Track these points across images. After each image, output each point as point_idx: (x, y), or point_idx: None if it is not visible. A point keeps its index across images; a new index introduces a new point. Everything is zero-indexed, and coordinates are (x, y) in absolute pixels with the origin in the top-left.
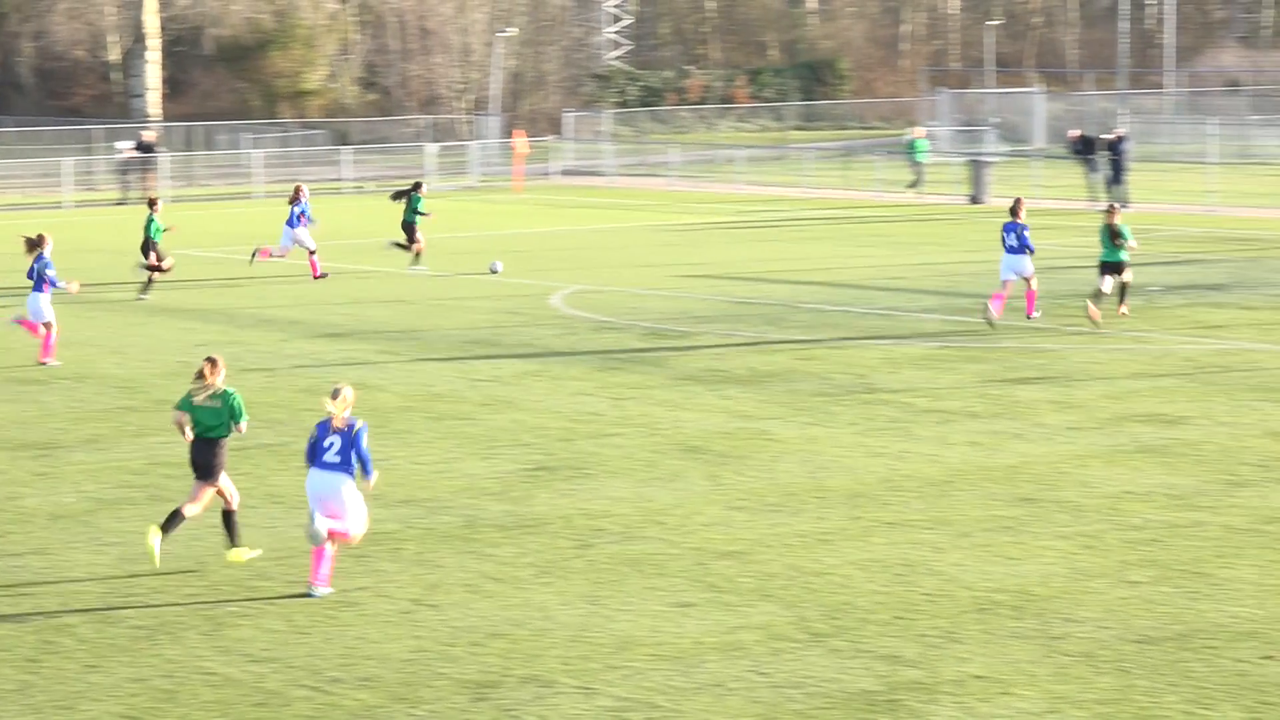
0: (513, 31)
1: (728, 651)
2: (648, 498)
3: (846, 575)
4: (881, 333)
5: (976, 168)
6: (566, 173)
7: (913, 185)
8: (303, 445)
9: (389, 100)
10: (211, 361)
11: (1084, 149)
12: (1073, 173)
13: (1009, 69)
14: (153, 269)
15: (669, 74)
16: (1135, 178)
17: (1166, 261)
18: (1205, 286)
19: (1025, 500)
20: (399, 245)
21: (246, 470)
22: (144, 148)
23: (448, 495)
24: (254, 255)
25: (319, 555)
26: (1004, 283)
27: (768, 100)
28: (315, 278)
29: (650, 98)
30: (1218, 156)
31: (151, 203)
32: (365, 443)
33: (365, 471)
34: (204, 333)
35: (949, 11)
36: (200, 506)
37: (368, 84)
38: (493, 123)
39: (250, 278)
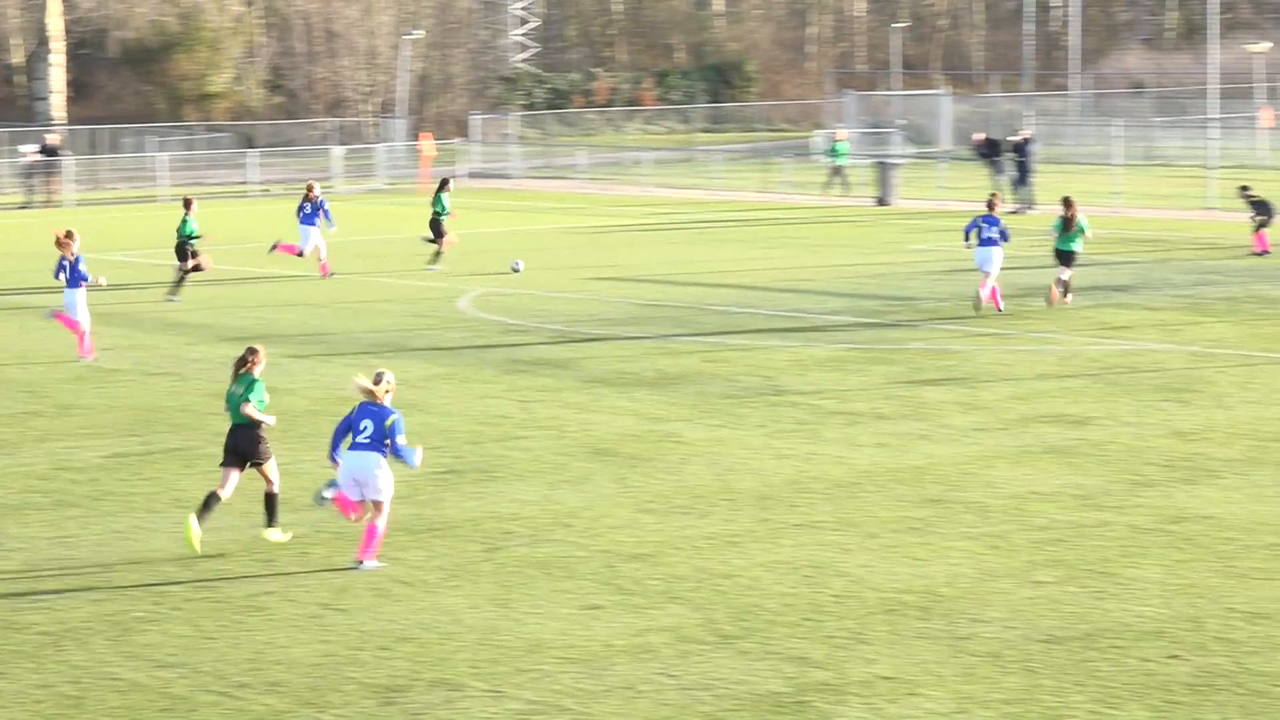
0: (419, 34)
1: (636, 654)
2: (556, 500)
3: (755, 577)
4: (789, 335)
5: (883, 170)
6: (473, 175)
7: (830, 187)
8: (211, 450)
9: (295, 103)
10: (253, 350)
11: (989, 151)
12: (978, 175)
13: (915, 71)
14: (191, 269)
15: (576, 76)
16: (1041, 179)
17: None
18: (1111, 288)
19: (932, 501)
20: (429, 240)
21: (152, 475)
22: (48, 151)
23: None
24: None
25: (370, 532)
26: (986, 274)
27: (675, 103)
28: (324, 275)
29: (557, 100)
30: (1122, 158)
31: (187, 203)
32: (401, 436)
33: (407, 462)
34: (108, 336)
35: (855, 14)
36: (275, 479)
37: (273, 87)
38: (399, 125)
39: (157, 282)
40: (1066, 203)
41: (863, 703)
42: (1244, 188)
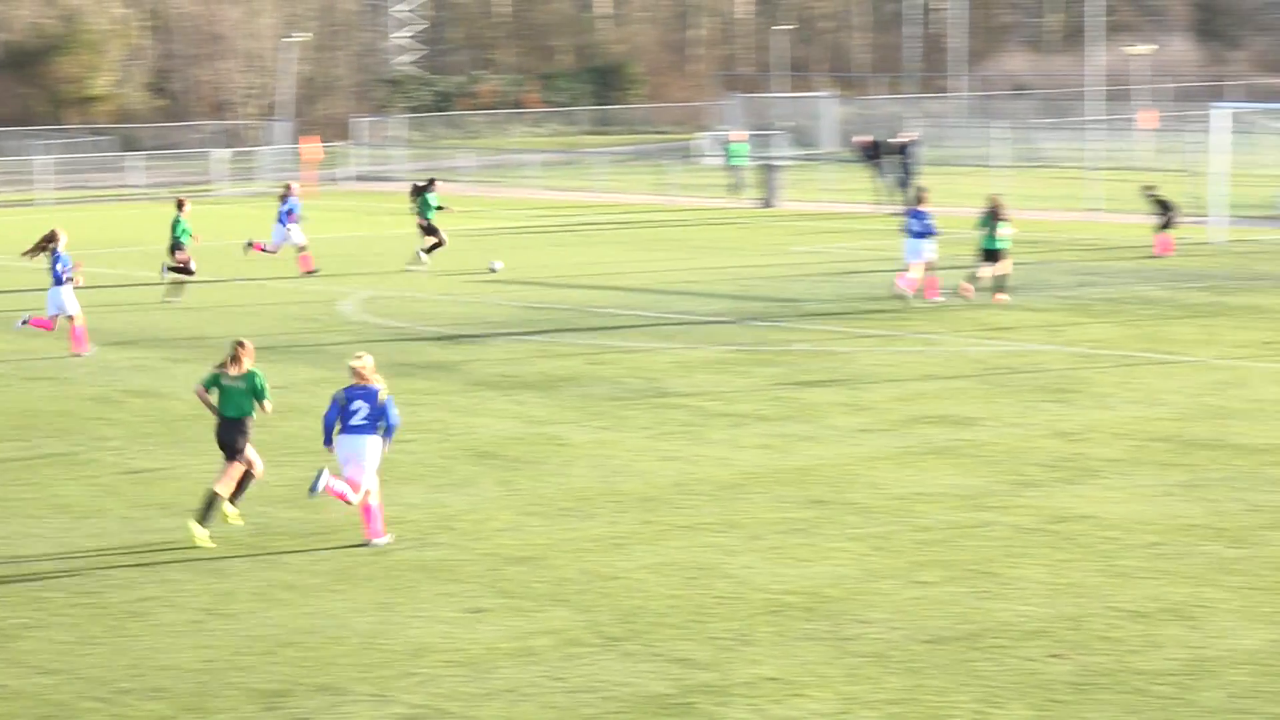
0: (302, 36)
1: (521, 657)
2: (441, 503)
3: (639, 579)
4: (674, 337)
5: (768, 172)
6: (358, 178)
7: (733, 188)
8: (93, 455)
9: (178, 106)
10: (241, 344)
11: (873, 153)
12: (862, 176)
13: (799, 73)
14: (179, 269)
15: (460, 79)
16: (925, 180)
17: (954, 265)
18: (993, 289)
19: (816, 502)
20: (429, 249)
21: (34, 481)
22: None
23: (239, 503)
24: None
25: (367, 512)
26: (921, 266)
27: (560, 105)
28: (306, 272)
29: (442, 102)
30: (1005, 159)
31: (180, 204)
32: (395, 412)
33: (388, 434)
34: None
35: (739, 16)
36: (231, 483)
37: (157, 89)
38: (283, 128)
39: (34, 288)
40: (991, 201)
41: (747, 704)
42: (1148, 188)
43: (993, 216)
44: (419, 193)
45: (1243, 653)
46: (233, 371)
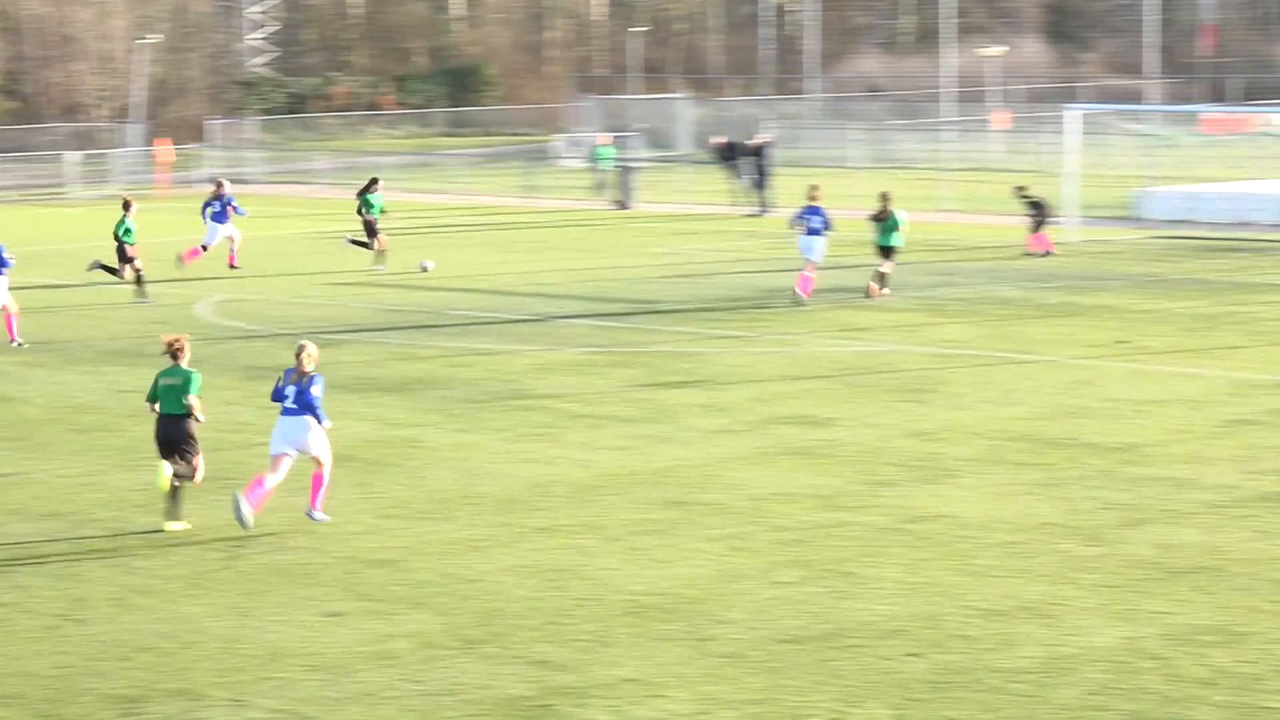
0: (155, 38)
1: (379, 660)
2: (297, 507)
3: (498, 582)
4: (531, 339)
5: (623, 173)
6: (211, 180)
7: (598, 190)
8: None
9: (29, 108)
10: (178, 340)
11: (729, 154)
12: (718, 178)
13: (654, 75)
14: (110, 269)
15: (315, 80)
16: (779, 182)
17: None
18: (849, 289)
19: (675, 503)
20: (358, 243)
21: None
22: None
23: (93, 508)
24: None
25: (316, 481)
26: (808, 262)
27: (414, 107)
28: (231, 266)
29: (296, 104)
30: (860, 161)
31: (126, 204)
32: (317, 392)
33: (317, 419)
34: None
35: (594, 18)
36: (200, 473)
37: (7, 92)
38: (136, 130)
39: None
40: (883, 197)
41: (606, 705)
42: (1020, 188)
43: (885, 214)
44: (363, 193)
45: (1098, 650)
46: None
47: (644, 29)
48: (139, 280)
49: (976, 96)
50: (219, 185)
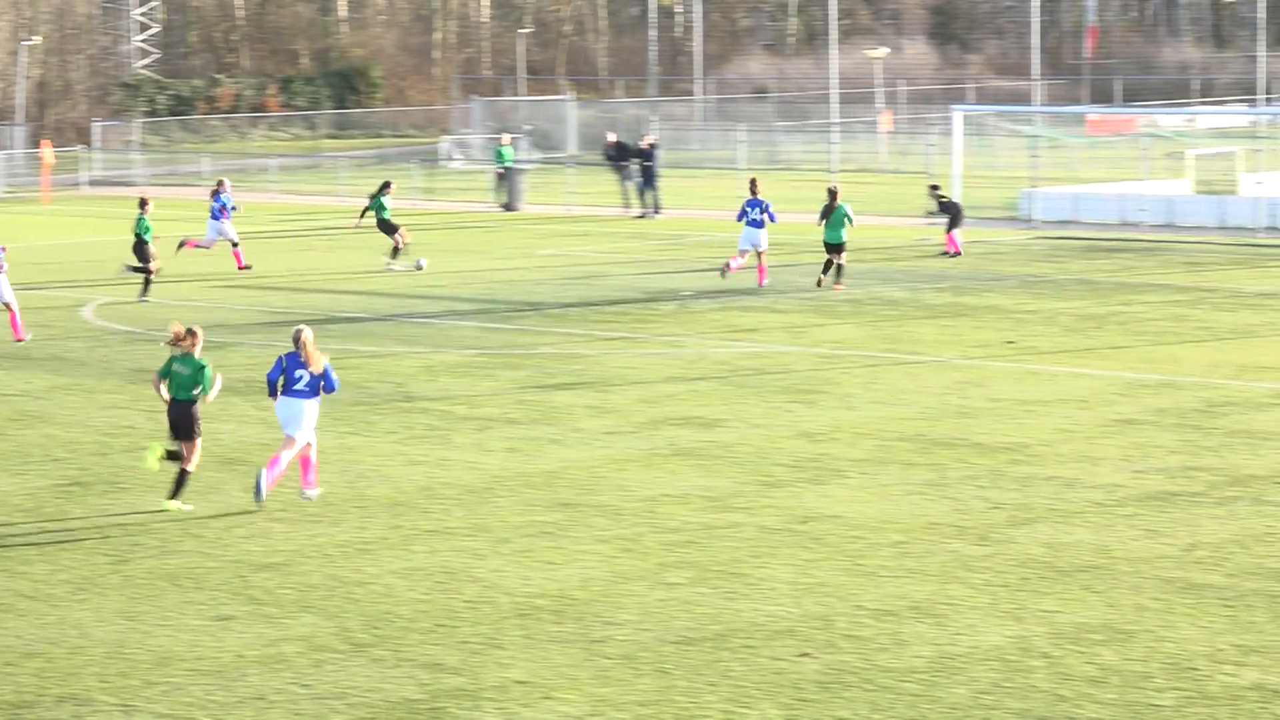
0: (37, 40)
1: (269, 664)
2: (189, 513)
3: (388, 584)
4: (418, 341)
5: (510, 175)
6: (95, 183)
7: (498, 191)
8: None
9: None
10: (191, 332)
11: (618, 155)
12: (605, 179)
13: (541, 77)
14: (140, 269)
15: (199, 82)
16: (666, 184)
17: (698, 268)
18: (736, 291)
19: (564, 505)
20: (393, 252)
21: None
22: None
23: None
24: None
25: (305, 464)
26: (742, 252)
27: (300, 109)
28: (240, 269)
29: (180, 107)
30: (746, 162)
31: (143, 203)
32: (335, 377)
33: (330, 390)
34: None
35: (480, 20)
36: (195, 459)
37: None
38: (18, 133)
39: None
40: (830, 193)
41: (497, 708)
42: (934, 187)
43: (833, 209)
44: (375, 195)
45: (988, 649)
46: (178, 353)
47: (530, 30)
48: (147, 280)
49: (863, 98)
50: (219, 184)
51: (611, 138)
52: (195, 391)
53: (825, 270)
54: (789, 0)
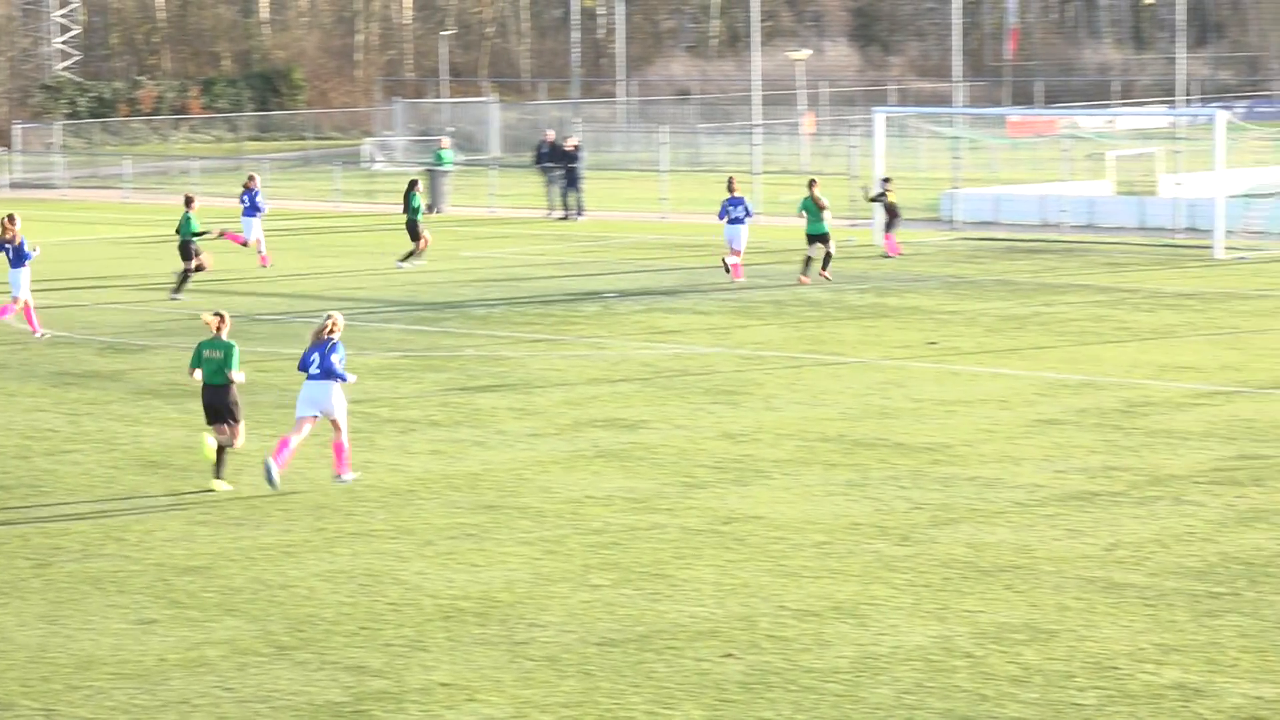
0: None
1: (192, 668)
2: (107, 514)
3: (311, 587)
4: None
5: (433, 177)
6: (15, 186)
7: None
8: None
9: None
10: (219, 316)
11: (551, 155)
12: (528, 181)
13: (463, 79)
14: (195, 269)
15: (120, 85)
16: (590, 186)
17: (621, 270)
18: (659, 292)
19: (488, 507)
20: (410, 253)
21: None
22: None
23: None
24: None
25: (338, 449)
26: (734, 250)
27: (222, 111)
28: (262, 265)
29: (101, 109)
30: (669, 164)
31: (188, 200)
32: (336, 358)
33: (340, 378)
34: None
35: (403, 22)
36: (240, 439)
37: None
38: None
39: None
40: (810, 185)
41: (422, 710)
42: (886, 180)
43: (813, 201)
44: (409, 195)
45: (911, 649)
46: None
47: (452, 32)
48: (184, 278)
49: (786, 100)
50: (250, 179)
51: (550, 135)
52: (229, 374)
53: (805, 269)
54: (711, 2)
